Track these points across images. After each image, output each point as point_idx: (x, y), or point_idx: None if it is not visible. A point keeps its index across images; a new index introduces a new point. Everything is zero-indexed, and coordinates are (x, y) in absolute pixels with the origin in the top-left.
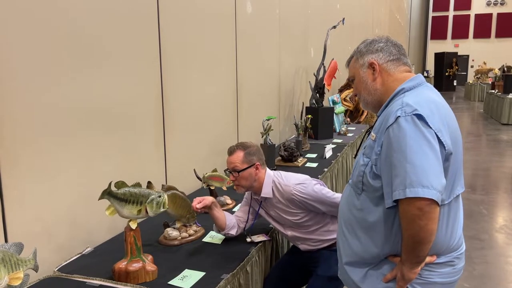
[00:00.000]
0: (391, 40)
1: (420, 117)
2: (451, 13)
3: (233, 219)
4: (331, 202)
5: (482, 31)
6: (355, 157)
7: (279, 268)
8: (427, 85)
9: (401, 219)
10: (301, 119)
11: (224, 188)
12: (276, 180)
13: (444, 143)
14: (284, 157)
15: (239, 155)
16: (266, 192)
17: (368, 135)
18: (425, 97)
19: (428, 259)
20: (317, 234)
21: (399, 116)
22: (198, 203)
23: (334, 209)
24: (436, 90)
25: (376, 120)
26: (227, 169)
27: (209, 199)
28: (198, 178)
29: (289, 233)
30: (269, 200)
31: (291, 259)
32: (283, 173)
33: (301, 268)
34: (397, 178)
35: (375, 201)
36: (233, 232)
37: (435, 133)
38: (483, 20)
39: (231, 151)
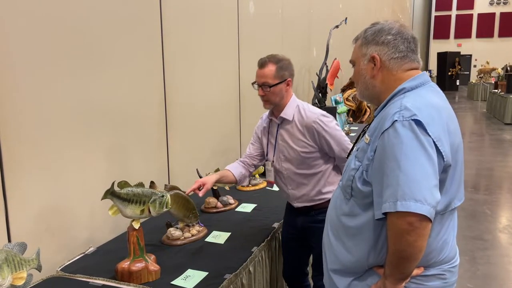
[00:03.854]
0: (403, 32)
1: (418, 123)
2: (454, 13)
3: (240, 169)
4: (344, 146)
5: (485, 30)
6: (347, 157)
7: (284, 250)
8: (430, 85)
9: (388, 232)
10: None
11: (227, 188)
12: (300, 106)
13: (443, 153)
14: None
15: (271, 69)
16: (288, 113)
17: (363, 135)
18: (425, 100)
19: (415, 271)
20: (312, 185)
21: (396, 121)
22: (198, 188)
23: (341, 155)
24: (441, 91)
25: (372, 120)
26: (255, 82)
27: (209, 183)
28: (201, 177)
29: (290, 186)
30: (285, 124)
31: (289, 236)
32: (306, 103)
33: (300, 241)
34: (388, 189)
35: (363, 207)
36: (245, 183)
37: (434, 142)
38: (486, 20)
39: (262, 64)
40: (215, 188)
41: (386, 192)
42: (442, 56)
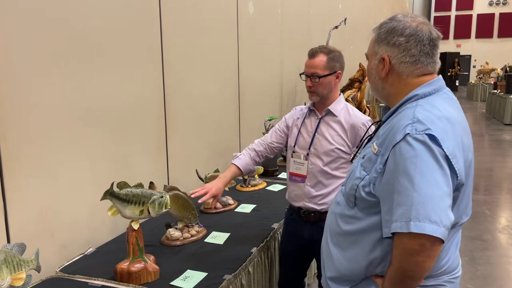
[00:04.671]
0: (418, 33)
1: (432, 138)
2: (453, 13)
3: (249, 165)
4: None
5: (485, 31)
6: (351, 161)
7: (284, 262)
8: (445, 92)
9: (395, 250)
10: None
11: (226, 189)
12: (349, 106)
13: (457, 171)
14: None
15: (322, 59)
16: (337, 108)
17: (369, 140)
18: (439, 112)
19: None
20: (330, 189)
21: (408, 134)
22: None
23: None
24: (455, 99)
25: (380, 125)
26: (303, 72)
27: (220, 195)
28: (200, 178)
29: (309, 182)
30: (328, 117)
31: (293, 248)
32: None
33: (303, 252)
34: (400, 207)
35: (367, 214)
36: (253, 174)
37: (449, 158)
38: (485, 20)
39: (312, 53)
40: None
41: (398, 210)
42: (441, 57)
